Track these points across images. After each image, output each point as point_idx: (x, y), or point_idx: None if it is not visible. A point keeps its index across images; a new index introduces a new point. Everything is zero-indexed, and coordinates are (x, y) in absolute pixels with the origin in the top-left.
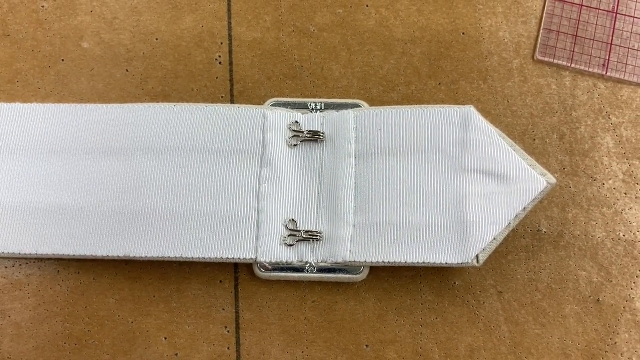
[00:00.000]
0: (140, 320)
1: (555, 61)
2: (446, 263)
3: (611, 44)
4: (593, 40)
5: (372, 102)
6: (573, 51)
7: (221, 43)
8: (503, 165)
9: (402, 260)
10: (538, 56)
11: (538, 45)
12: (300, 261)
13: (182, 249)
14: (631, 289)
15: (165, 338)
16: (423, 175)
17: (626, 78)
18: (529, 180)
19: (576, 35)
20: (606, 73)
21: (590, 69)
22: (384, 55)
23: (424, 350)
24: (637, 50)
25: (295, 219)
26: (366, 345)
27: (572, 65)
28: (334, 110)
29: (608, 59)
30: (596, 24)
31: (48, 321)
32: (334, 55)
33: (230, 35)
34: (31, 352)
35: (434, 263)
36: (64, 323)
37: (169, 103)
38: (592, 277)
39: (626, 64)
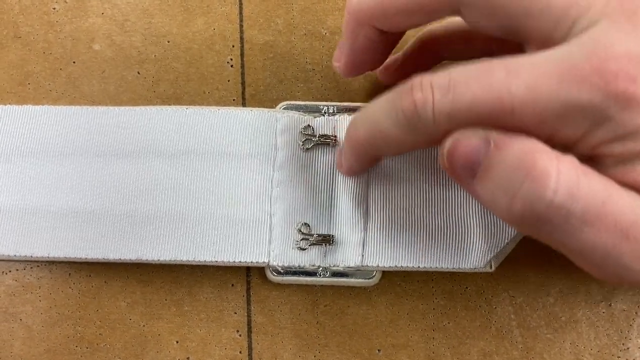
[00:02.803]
0: (152, 324)
1: None
2: (459, 268)
3: None
4: None
5: None
6: None
7: (233, 46)
8: None
9: (414, 265)
10: None
11: None
12: (313, 265)
13: (194, 253)
14: None
15: (177, 342)
16: (434, 180)
17: None
18: None
19: None
20: None
21: None
22: None
23: (436, 355)
24: None
25: (309, 223)
26: (378, 350)
27: None
28: (346, 114)
29: None
30: None
31: (59, 324)
32: None
33: (242, 38)
34: (42, 356)
35: (447, 268)
36: (76, 326)
37: (180, 106)
38: (604, 282)
39: None
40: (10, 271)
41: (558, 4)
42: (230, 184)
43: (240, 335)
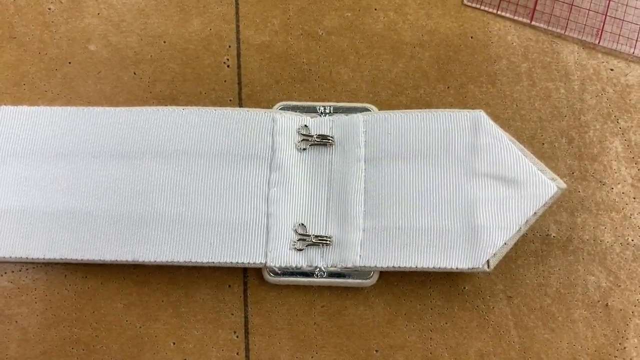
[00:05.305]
0: (149, 326)
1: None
2: (457, 268)
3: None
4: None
5: (381, 106)
6: None
7: (229, 46)
8: (513, 170)
9: (412, 266)
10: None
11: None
12: (310, 266)
13: (191, 254)
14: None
15: (174, 343)
16: (433, 180)
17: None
18: (540, 185)
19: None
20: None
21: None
22: (392, 58)
23: (434, 356)
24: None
25: (305, 224)
26: (376, 351)
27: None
28: (343, 114)
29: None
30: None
31: (55, 326)
32: (343, 59)
33: (238, 39)
34: (38, 358)
35: (445, 268)
36: (72, 328)
37: (177, 107)
38: (601, 282)
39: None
40: (5, 273)
41: None
42: (227, 185)
43: (237, 337)
